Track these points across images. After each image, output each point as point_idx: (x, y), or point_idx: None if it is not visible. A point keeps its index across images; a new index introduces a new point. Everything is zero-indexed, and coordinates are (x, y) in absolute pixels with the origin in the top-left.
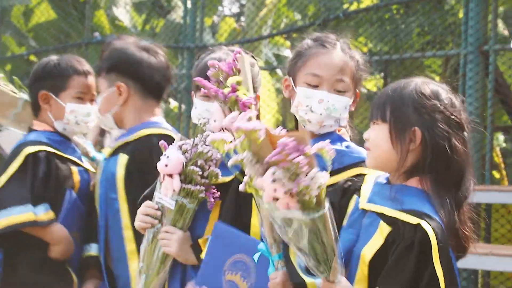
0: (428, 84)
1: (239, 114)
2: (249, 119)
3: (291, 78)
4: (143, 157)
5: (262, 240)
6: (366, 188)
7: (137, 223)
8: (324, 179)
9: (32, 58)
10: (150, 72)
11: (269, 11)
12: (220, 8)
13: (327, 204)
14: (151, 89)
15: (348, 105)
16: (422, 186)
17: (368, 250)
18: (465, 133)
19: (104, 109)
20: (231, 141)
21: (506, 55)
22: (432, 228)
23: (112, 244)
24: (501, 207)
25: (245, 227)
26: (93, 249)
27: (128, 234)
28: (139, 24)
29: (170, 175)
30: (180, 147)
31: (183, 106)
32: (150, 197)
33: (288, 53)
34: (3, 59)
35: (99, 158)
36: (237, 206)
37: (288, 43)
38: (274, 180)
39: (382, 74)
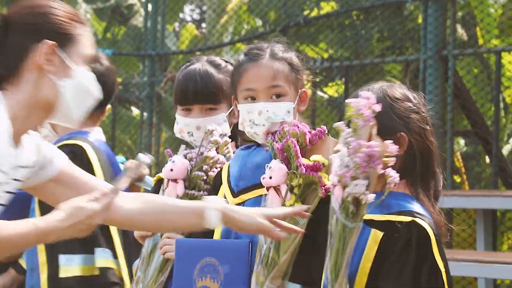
0: (394, 88)
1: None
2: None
3: (235, 99)
4: None
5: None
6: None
7: (136, 232)
8: (368, 198)
9: None
10: None
11: (230, 18)
12: (181, 15)
13: (361, 224)
14: None
15: (291, 108)
16: (407, 189)
17: (366, 261)
18: (428, 127)
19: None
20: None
21: (465, 59)
22: (427, 223)
23: (27, 253)
24: (462, 212)
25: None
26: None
27: (40, 245)
28: (100, 31)
29: (175, 181)
30: (185, 156)
31: (145, 114)
32: None
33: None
34: None
35: None
36: None
37: None
38: (340, 163)
39: (343, 79)
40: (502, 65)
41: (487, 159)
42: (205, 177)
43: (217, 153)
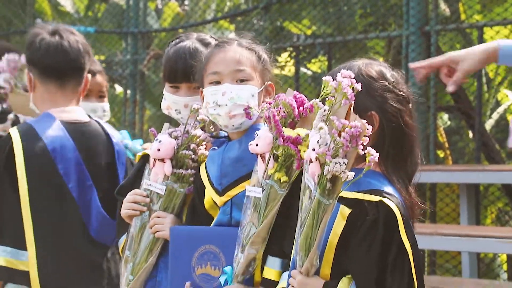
0: (371, 66)
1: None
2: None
3: (202, 88)
4: None
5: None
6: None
7: (124, 211)
8: (347, 176)
9: None
10: (43, 55)
11: None
12: None
13: (335, 201)
14: (47, 74)
15: (256, 93)
16: (378, 167)
17: (334, 236)
18: (410, 105)
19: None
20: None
21: (448, 35)
22: (395, 204)
23: None
24: (445, 187)
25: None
26: None
27: None
28: (82, 9)
29: (162, 160)
30: (170, 134)
31: (128, 92)
32: (128, 187)
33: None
34: None
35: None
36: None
37: (232, 26)
38: (317, 141)
39: (326, 56)
40: (484, 40)
41: (470, 134)
42: (192, 156)
43: (204, 131)
